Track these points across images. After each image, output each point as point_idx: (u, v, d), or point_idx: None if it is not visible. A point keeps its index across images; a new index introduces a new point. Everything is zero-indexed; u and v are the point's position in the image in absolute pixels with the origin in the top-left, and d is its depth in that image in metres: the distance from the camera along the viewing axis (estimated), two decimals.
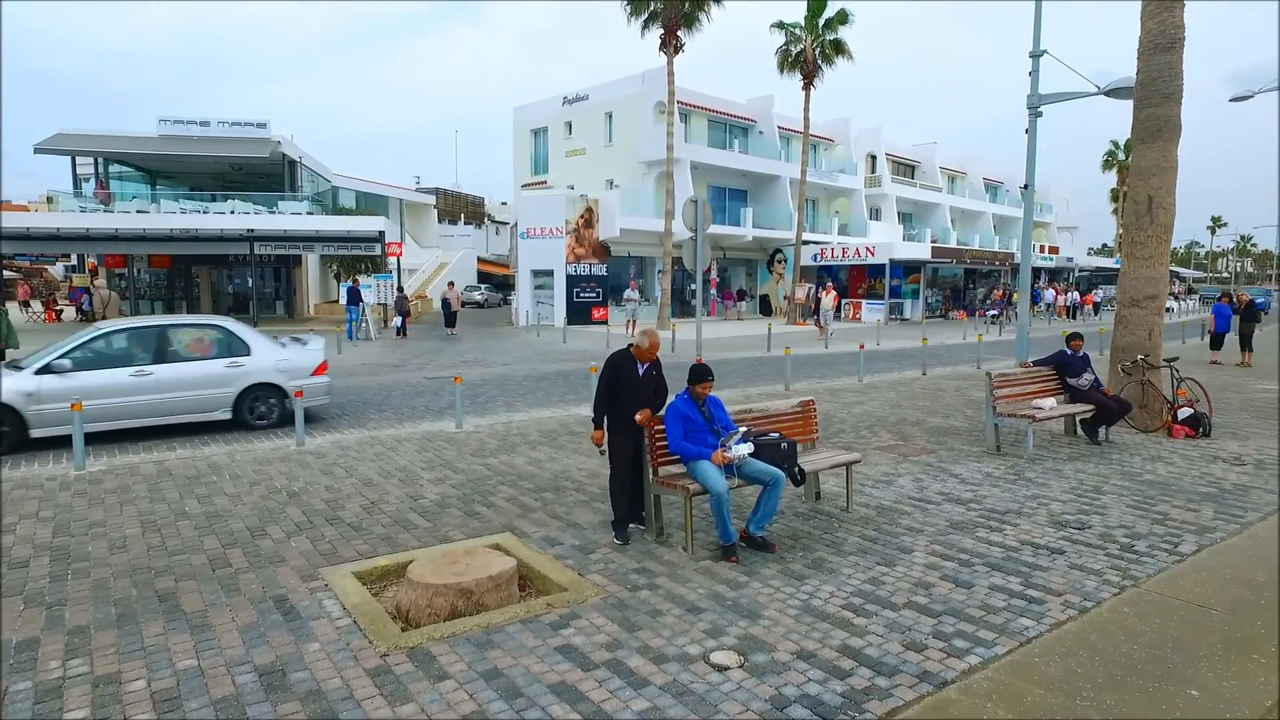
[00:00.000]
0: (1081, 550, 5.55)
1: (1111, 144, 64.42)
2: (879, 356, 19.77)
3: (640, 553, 5.56)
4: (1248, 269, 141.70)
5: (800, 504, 6.71)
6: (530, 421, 10.75)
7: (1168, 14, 9.80)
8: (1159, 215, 9.95)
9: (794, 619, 4.47)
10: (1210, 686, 3.72)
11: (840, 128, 44.74)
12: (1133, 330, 10.20)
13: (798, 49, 32.65)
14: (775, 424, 6.48)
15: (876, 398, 12.72)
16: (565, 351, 21.60)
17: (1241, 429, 10.01)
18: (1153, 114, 9.93)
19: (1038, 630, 4.31)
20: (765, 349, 21.49)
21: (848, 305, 37.23)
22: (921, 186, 49.21)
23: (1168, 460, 8.32)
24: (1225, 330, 18.45)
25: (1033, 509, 6.55)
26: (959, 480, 7.49)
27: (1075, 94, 12.72)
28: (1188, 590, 4.84)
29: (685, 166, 33.82)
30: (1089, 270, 55.62)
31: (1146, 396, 9.89)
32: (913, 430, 9.94)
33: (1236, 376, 15.56)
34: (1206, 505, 6.64)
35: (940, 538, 5.84)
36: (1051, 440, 9.35)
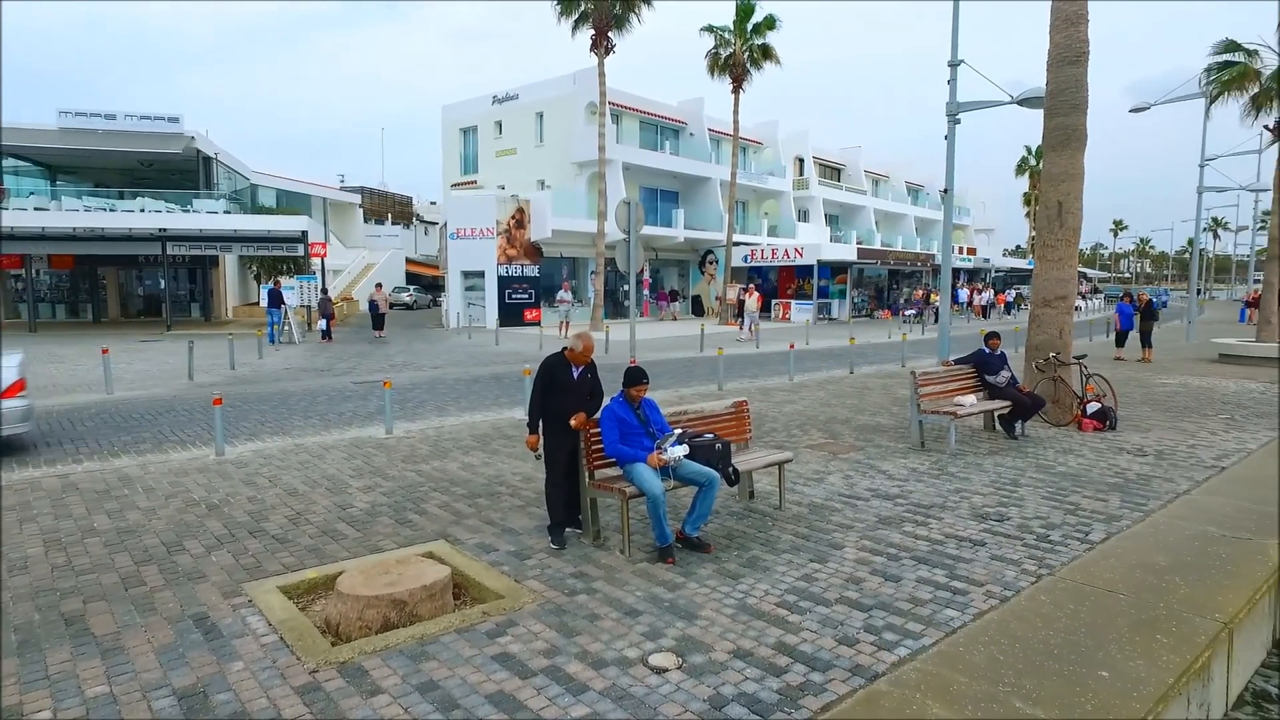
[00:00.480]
0: (1001, 541, 5.79)
1: (1025, 149, 67.52)
2: (808, 356, 20.21)
3: (577, 557, 5.53)
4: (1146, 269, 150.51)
5: (735, 503, 6.80)
6: (463, 426, 10.58)
7: (1073, 29, 10.32)
8: (1068, 220, 10.46)
9: (730, 618, 4.52)
10: (1119, 667, 3.93)
11: (769, 131, 45.55)
12: (1045, 329, 10.70)
13: (727, 53, 33.09)
14: (709, 425, 6.55)
15: (807, 396, 13.00)
16: (498, 354, 21.35)
17: (1143, 421, 10.62)
18: (1061, 123, 10.44)
19: (962, 620, 4.47)
20: (698, 349, 21.70)
21: (778, 305, 37.93)
22: (847, 189, 50.54)
23: (1078, 453, 8.76)
24: (1129, 328, 19.53)
25: (956, 503, 6.81)
26: (886, 476, 7.72)
27: (990, 103, 13.27)
28: (1098, 576, 5.10)
29: (617, 167, 33.86)
30: (1004, 271, 58.06)
31: (1058, 392, 10.39)
32: (842, 428, 10.20)
33: (1138, 372, 16.49)
34: (1114, 495, 7.02)
35: (870, 533, 6.00)
36: (972, 435, 9.73)
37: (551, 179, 35.70)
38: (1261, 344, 18.67)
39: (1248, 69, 19.67)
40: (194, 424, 10.75)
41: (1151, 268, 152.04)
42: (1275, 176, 20.55)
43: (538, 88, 36.97)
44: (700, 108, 40.24)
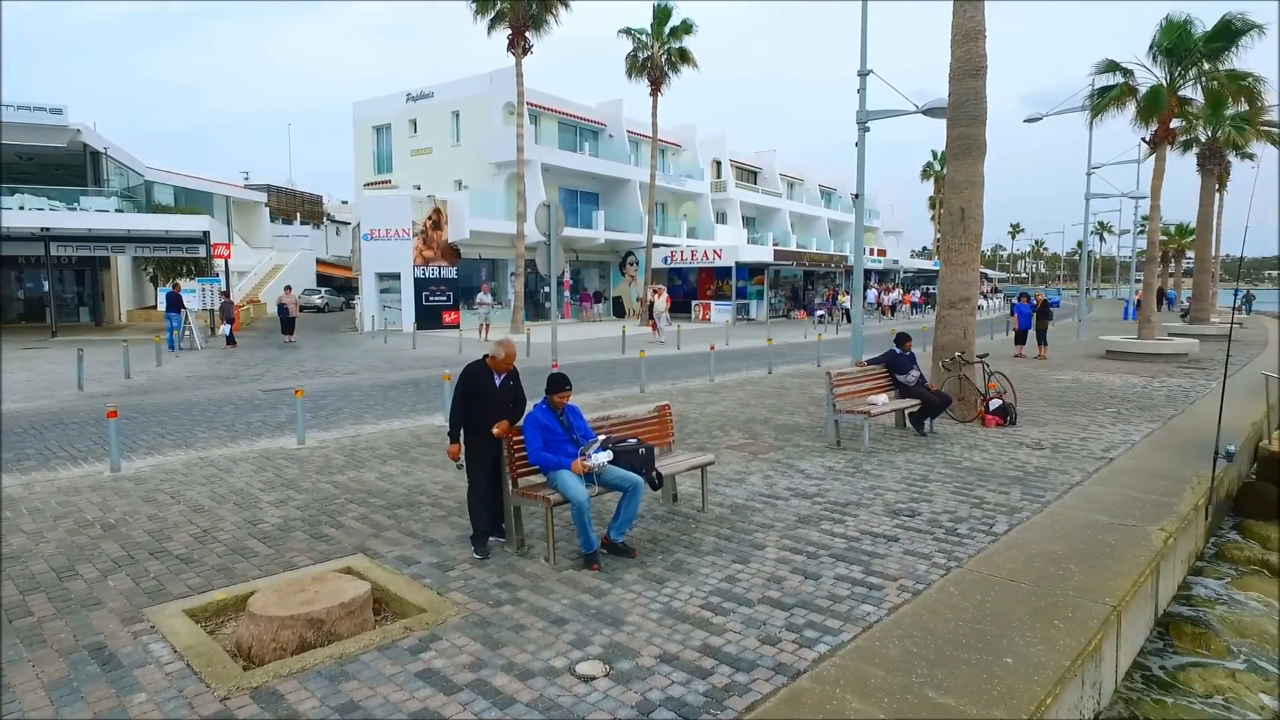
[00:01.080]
0: (913, 536, 6.04)
1: (931, 154, 70.45)
2: (728, 356, 20.55)
3: (501, 566, 5.47)
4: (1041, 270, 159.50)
5: (659, 507, 6.86)
6: (380, 434, 10.31)
7: (973, 44, 10.85)
8: (970, 225, 10.99)
9: (656, 623, 4.56)
10: (1021, 653, 4.16)
11: (687, 133, 46.09)
12: (950, 330, 11.21)
13: (645, 55, 33.30)
14: (633, 429, 6.59)
15: (727, 397, 13.22)
16: (415, 358, 20.86)
17: (1040, 416, 11.26)
18: (962, 133, 10.96)
19: (878, 615, 4.64)
20: (620, 351, 21.77)
21: (698, 306, 38.42)
22: (763, 192, 51.64)
23: (982, 448, 9.22)
24: (1027, 327, 20.66)
25: (870, 500, 7.05)
26: (805, 476, 7.93)
27: (897, 112, 13.82)
28: (1002, 567, 5.38)
29: (536, 168, 33.61)
30: (913, 271, 60.46)
31: (963, 390, 10.91)
32: (761, 428, 10.42)
33: (1035, 368, 17.47)
34: (1015, 488, 7.42)
35: (789, 532, 6.16)
36: (885, 433, 10.10)
37: (469, 179, 35.14)
38: (1143, 340, 20.06)
39: (1125, 87, 21.11)
40: (85, 438, 10.10)
41: (1046, 268, 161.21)
42: (1152, 185, 22.12)
43: (454, 86, 36.33)
44: (619, 109, 40.38)
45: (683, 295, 39.72)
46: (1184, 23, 19.92)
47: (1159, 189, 21.58)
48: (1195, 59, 20.01)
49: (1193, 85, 21.26)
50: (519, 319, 28.78)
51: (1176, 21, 20.01)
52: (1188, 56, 20.00)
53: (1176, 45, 20.01)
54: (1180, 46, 19.96)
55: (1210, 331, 26.41)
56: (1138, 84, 21.46)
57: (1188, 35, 19.94)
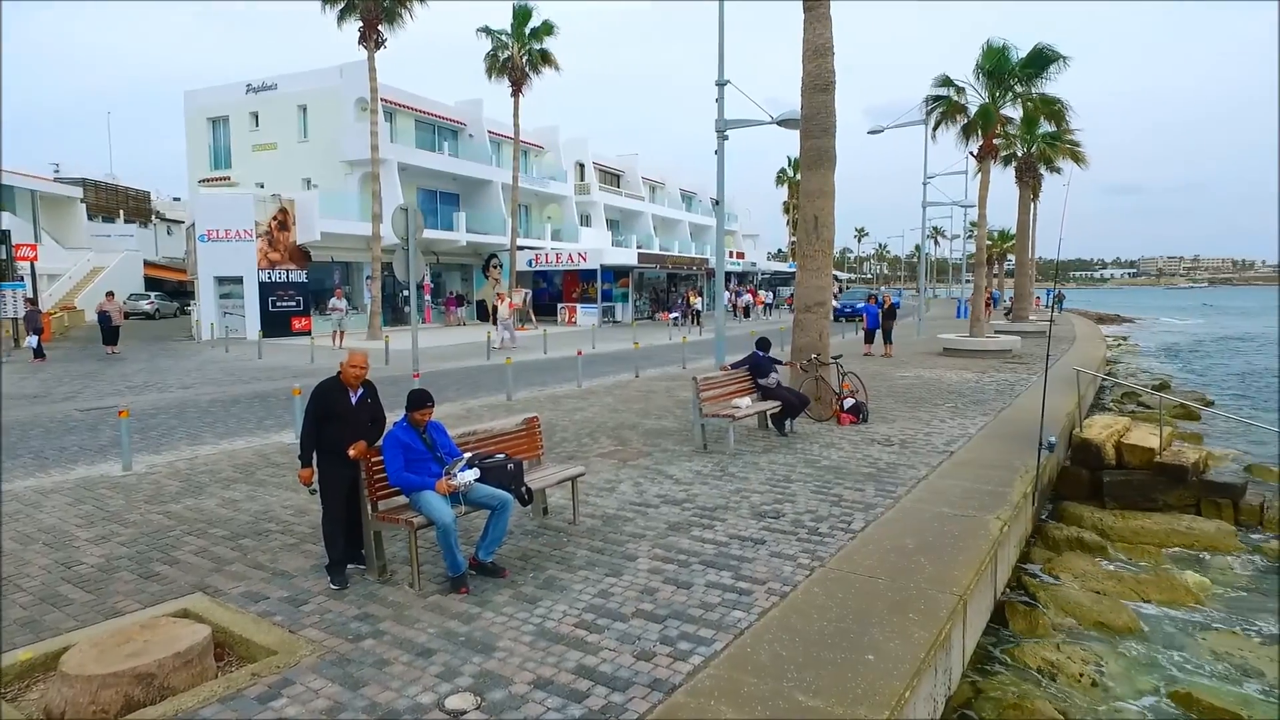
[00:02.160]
0: (779, 538, 6.22)
1: (786, 159, 73.68)
2: (596, 360, 20.54)
3: (361, 596, 5.15)
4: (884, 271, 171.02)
5: (529, 522, 6.70)
6: (221, 455, 9.50)
7: (822, 60, 11.38)
8: (823, 233, 11.53)
9: (529, 646, 4.43)
10: (882, 648, 4.36)
11: (550, 135, 45.82)
12: (807, 332, 11.71)
13: (505, 55, 32.76)
14: (500, 444, 6.40)
15: (596, 403, 13.19)
16: (262, 369, 19.47)
17: (889, 413, 11.98)
18: (814, 145, 11.48)
19: (748, 621, 4.73)
20: (485, 357, 21.28)
21: (564, 309, 38.26)
22: (627, 195, 52.19)
23: (839, 446, 9.68)
24: (875, 327, 21.99)
25: (737, 503, 7.22)
26: (674, 481, 8.01)
27: (753, 122, 14.30)
28: (860, 564, 5.64)
29: (392, 168, 32.30)
30: (769, 273, 63.04)
31: (820, 390, 11.42)
32: (630, 434, 10.45)
33: (883, 366, 18.61)
34: (869, 484, 7.82)
35: (661, 541, 6.18)
36: (748, 435, 10.40)
37: (319, 178, 33.26)
38: (974, 338, 21.86)
39: (954, 104, 23.00)
40: None
41: (889, 269, 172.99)
42: (979, 195, 24.20)
43: (300, 79, 34.27)
44: (479, 109, 39.55)
45: (548, 298, 39.44)
46: (1003, 48, 21.93)
47: (985, 198, 23.61)
48: (1012, 82, 22.03)
49: (1011, 105, 23.43)
50: (376, 324, 27.54)
51: (996, 46, 21.99)
52: (1006, 79, 21.99)
53: (997, 68, 21.99)
54: (1000, 69, 21.94)
55: (1030, 329, 29.15)
56: (966, 101, 23.41)
57: (1006, 60, 21.95)
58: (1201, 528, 9.59)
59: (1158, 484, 10.41)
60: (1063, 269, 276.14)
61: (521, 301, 34.25)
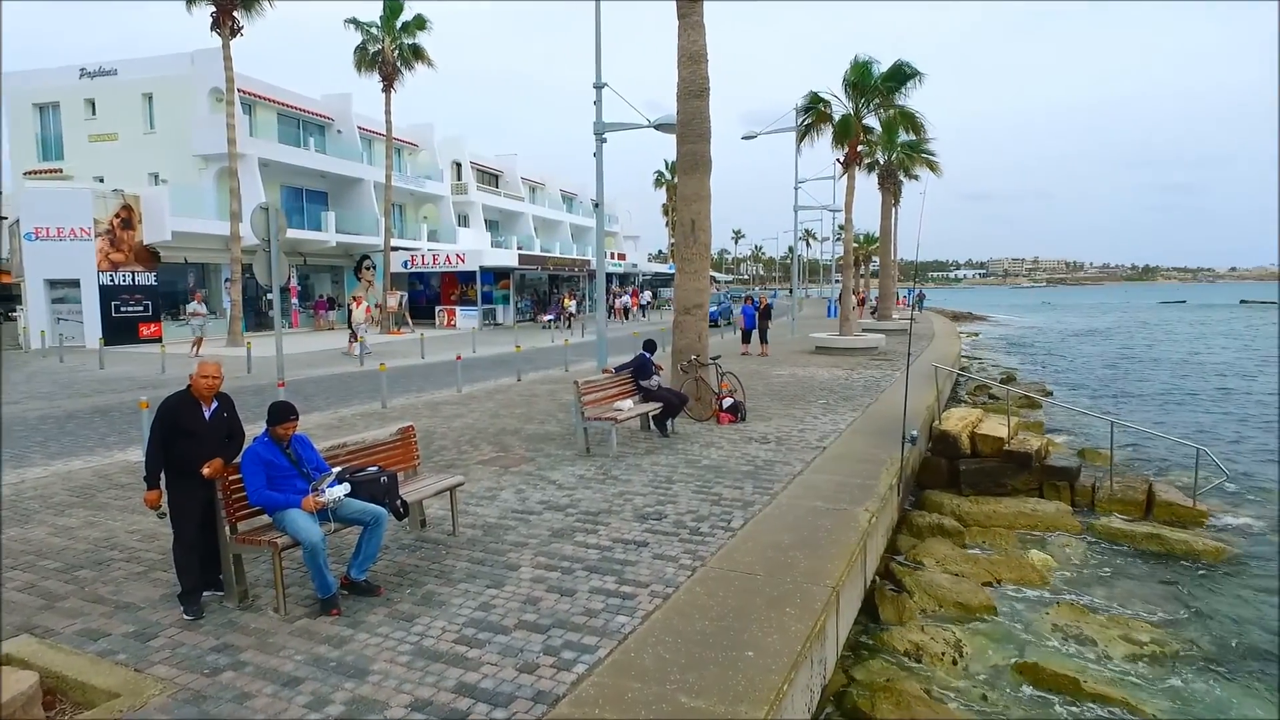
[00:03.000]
0: (662, 540, 6.27)
1: (663, 163, 74.78)
2: (476, 364, 20.12)
3: (219, 626, 4.78)
4: (760, 272, 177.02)
5: (405, 535, 6.45)
6: (53, 477, 8.61)
7: (696, 67, 11.60)
8: (700, 236, 11.76)
9: (406, 666, 4.25)
10: (761, 644, 4.47)
11: (424, 133, 44.51)
12: (687, 334, 11.91)
13: (376, 49, 31.56)
14: (373, 456, 6.12)
15: (476, 408, 12.89)
16: (104, 380, 17.83)
17: (766, 411, 12.37)
18: (690, 150, 11.69)
19: (632, 625, 4.73)
20: (358, 363, 20.39)
21: (442, 312, 37.26)
22: (506, 195, 51.44)
23: (718, 445, 9.89)
24: (752, 327, 22.64)
25: (620, 506, 7.22)
26: (557, 487, 7.93)
27: (631, 125, 14.42)
28: (740, 561, 5.77)
29: (253, 163, 30.40)
30: (650, 275, 63.88)
31: (700, 390, 11.64)
32: (512, 440, 10.28)
33: (760, 365, 19.21)
34: (747, 482, 8.03)
35: (544, 548, 6.09)
36: (631, 437, 10.46)
37: (169, 173, 30.83)
38: (844, 337, 22.96)
39: (822, 113, 24.13)
40: None
41: (764, 270, 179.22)
42: (845, 200, 25.45)
43: (144, 65, 31.64)
44: (348, 104, 37.90)
45: (425, 300, 38.29)
46: (867, 63, 23.17)
47: (851, 203, 24.86)
48: (875, 94, 23.32)
49: (873, 116, 24.79)
50: (237, 330, 25.83)
51: (862, 61, 23.21)
52: (869, 91, 23.26)
53: (860, 81, 23.20)
54: (863, 82, 23.16)
55: (893, 327, 30.93)
56: (833, 112, 24.57)
57: (869, 74, 23.21)
58: (1044, 509, 10.46)
59: (1007, 470, 11.27)
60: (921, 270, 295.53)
61: (397, 304, 33.12)
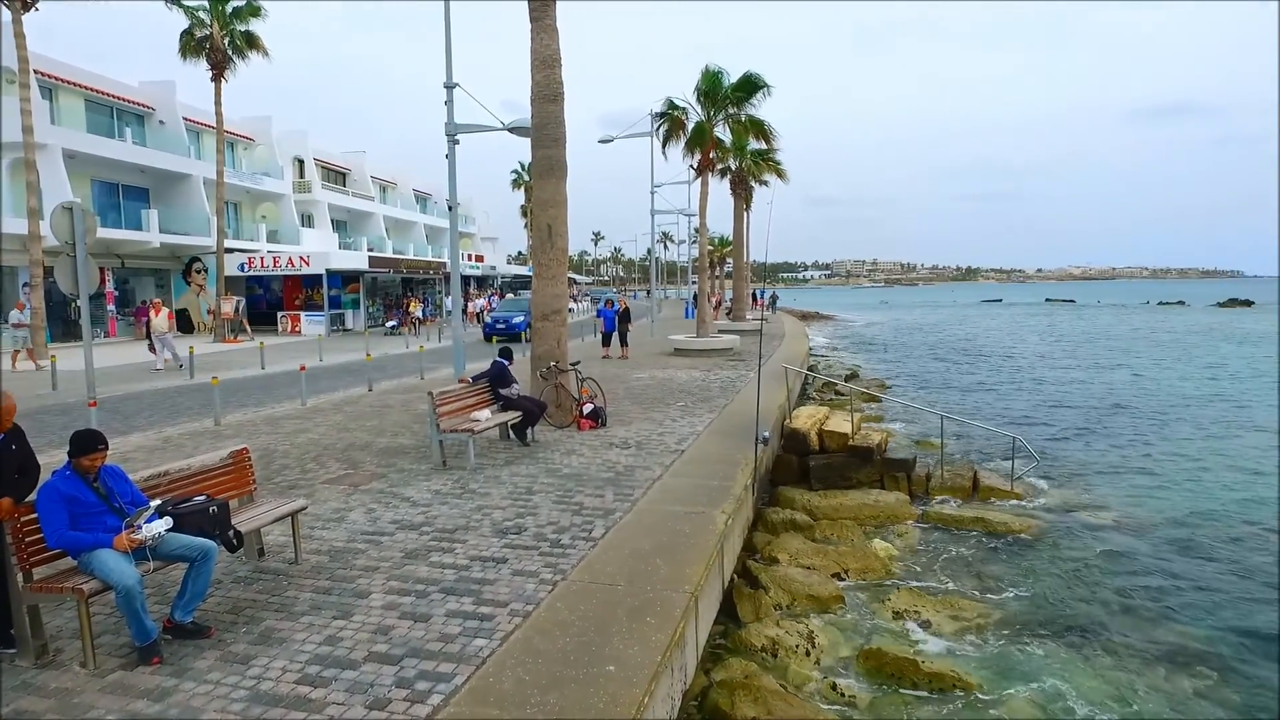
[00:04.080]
0: (521, 554, 6.14)
1: (519, 165, 73.93)
2: (323, 374, 19.01)
3: (12, 689, 4.20)
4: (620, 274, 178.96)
5: (240, 567, 5.95)
6: None
7: (550, 71, 11.51)
8: (557, 241, 11.67)
9: (240, 716, 3.90)
10: (622, 657, 4.46)
11: (261, 127, 41.64)
12: (545, 340, 11.79)
13: (203, 34, 29.16)
14: (201, 483, 5.60)
15: (322, 422, 12.16)
16: None
17: (626, 415, 12.45)
18: (545, 154, 11.58)
19: (491, 648, 4.59)
20: (188, 375, 18.73)
21: (285, 318, 34.98)
22: (354, 195, 49.09)
23: (579, 452, 9.85)
24: (612, 330, 22.79)
25: (479, 521, 7.02)
26: (411, 504, 7.59)
27: (484, 127, 14.10)
28: (601, 572, 5.74)
29: (56, 155, 27.27)
30: (510, 277, 62.95)
31: (560, 397, 11.56)
32: (362, 455, 9.76)
33: (620, 368, 19.34)
34: (608, 489, 8.03)
35: (396, 571, 5.81)
36: (490, 448, 10.21)
37: None
38: (701, 339, 23.58)
39: (677, 120, 24.69)
40: None
41: (624, 272, 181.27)
42: (699, 204, 26.18)
43: None
44: (172, 93, 34.80)
45: (266, 305, 35.83)
46: (718, 72, 23.91)
47: (705, 208, 25.63)
48: (725, 103, 24.13)
49: (725, 125, 25.64)
50: (40, 341, 23.03)
51: (712, 71, 23.93)
52: (721, 101, 24.03)
53: (712, 90, 23.92)
54: (714, 91, 23.90)
55: (747, 327, 32.13)
56: (688, 120, 25.18)
57: (720, 83, 23.97)
58: (885, 500, 11.18)
59: (851, 464, 11.96)
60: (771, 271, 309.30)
61: (233, 310, 30.78)
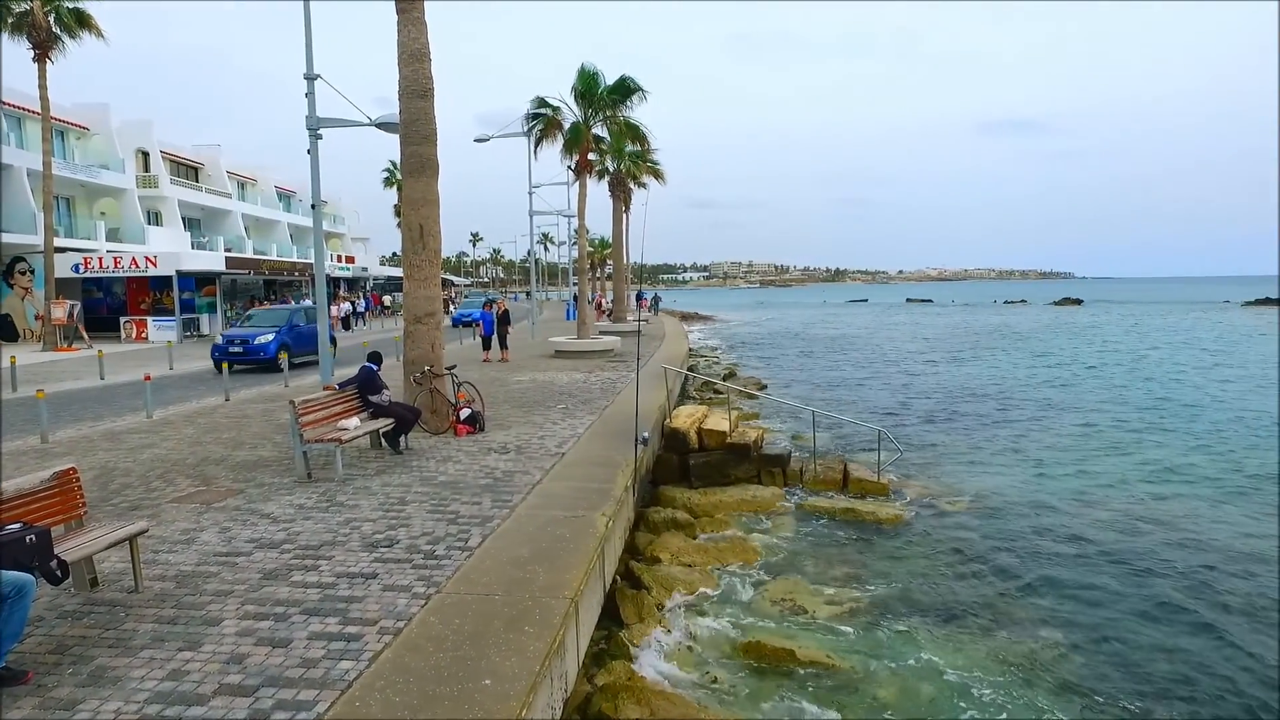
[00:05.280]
0: (393, 568, 5.84)
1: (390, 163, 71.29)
2: (174, 384, 17.55)
3: None
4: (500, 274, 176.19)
5: (68, 600, 5.34)
6: None
7: (419, 65, 11.09)
8: (429, 242, 11.27)
9: None
10: (499, 670, 4.30)
11: (98, 115, 38.10)
12: (419, 344, 11.35)
13: (23, 8, 26.31)
14: (18, 510, 4.98)
15: (172, 436, 11.19)
16: None
17: (505, 419, 12.19)
18: (415, 152, 11.16)
19: (358, 670, 4.32)
20: (10, 389, 16.82)
21: (129, 323, 32.11)
22: (208, 191, 45.77)
23: (455, 459, 9.52)
24: (490, 333, 22.30)
25: (346, 535, 6.63)
26: (271, 520, 7.09)
27: (350, 122, 13.41)
28: (477, 583, 5.54)
29: None
30: (383, 279, 60.55)
31: (435, 402, 11.16)
32: (217, 470, 9.04)
33: (500, 372, 18.97)
34: (486, 496, 7.79)
35: (253, 595, 5.38)
36: (360, 456, 9.71)
37: None
38: (581, 340, 23.49)
39: (552, 120, 24.48)
40: None
41: (504, 273, 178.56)
42: (578, 206, 26.08)
43: None
44: None
45: (107, 310, 32.81)
46: (594, 74, 23.87)
47: (584, 210, 25.54)
48: (601, 105, 24.15)
49: (602, 126, 25.65)
50: None
51: (589, 71, 23.86)
52: (597, 102, 24.02)
53: (588, 91, 23.88)
54: (590, 92, 23.86)
55: (627, 329, 32.33)
56: (564, 120, 25.01)
57: (596, 84, 23.95)
58: (761, 494, 11.51)
59: (729, 461, 12.22)
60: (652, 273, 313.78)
61: (66, 315, 27.98)
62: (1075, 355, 33.28)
